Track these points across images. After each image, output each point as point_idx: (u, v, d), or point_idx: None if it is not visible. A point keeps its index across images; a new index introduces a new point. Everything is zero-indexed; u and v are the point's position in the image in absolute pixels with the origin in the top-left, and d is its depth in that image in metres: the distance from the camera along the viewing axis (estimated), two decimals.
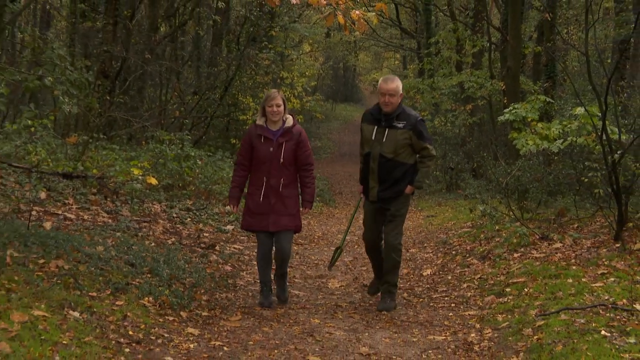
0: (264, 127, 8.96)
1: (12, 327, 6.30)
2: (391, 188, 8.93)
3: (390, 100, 8.79)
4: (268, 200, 8.84)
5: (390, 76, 9.36)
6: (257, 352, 7.16)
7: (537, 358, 6.73)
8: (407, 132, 8.75)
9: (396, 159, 8.84)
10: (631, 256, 9.31)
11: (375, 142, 8.97)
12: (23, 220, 9.72)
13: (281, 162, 8.84)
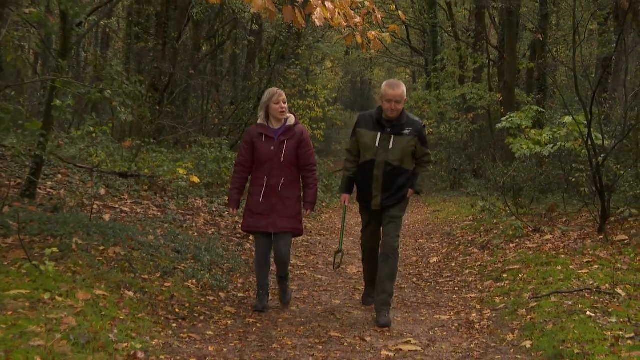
0: (266, 125, 7.86)
1: (78, 304, 6.37)
2: (394, 195, 7.68)
3: (397, 107, 7.46)
4: (268, 200, 7.75)
5: (396, 81, 7.75)
6: (286, 328, 7.19)
7: (530, 335, 6.72)
8: (413, 139, 7.55)
9: (401, 166, 7.62)
10: (613, 246, 9.29)
11: (380, 149, 7.58)
12: (86, 212, 9.76)
13: (282, 161, 7.75)
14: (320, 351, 6.42)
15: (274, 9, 7.89)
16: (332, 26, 7.88)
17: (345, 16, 7.73)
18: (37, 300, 6.26)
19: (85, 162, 13.25)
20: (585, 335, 6.22)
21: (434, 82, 30.06)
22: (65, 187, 11.60)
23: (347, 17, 7.75)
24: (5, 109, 8.70)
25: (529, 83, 21.57)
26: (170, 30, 18.94)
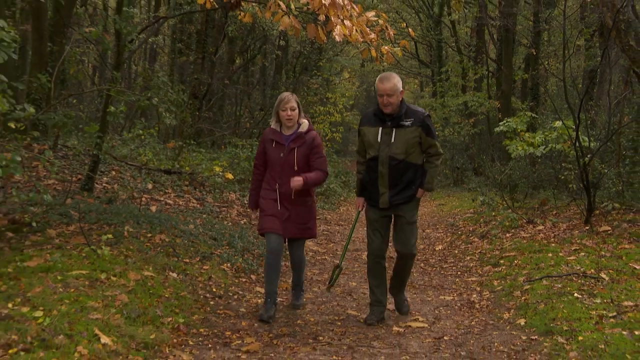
0: (277, 131, 6.83)
1: (129, 284, 6.44)
2: (403, 192, 6.53)
3: (389, 101, 6.38)
4: (284, 206, 6.78)
5: (387, 74, 6.67)
6: (309, 307, 7.24)
7: (524, 314, 6.72)
8: (417, 130, 6.40)
9: (407, 159, 6.48)
10: (597, 236, 9.24)
11: (383, 144, 6.50)
12: (136, 204, 9.84)
13: (295, 170, 6.71)
14: (339, 327, 6.46)
15: (299, 26, 7.92)
16: (350, 41, 7.86)
17: (362, 33, 7.73)
18: (95, 279, 6.33)
19: (135, 161, 13.32)
20: (573, 314, 6.21)
21: (439, 90, 30.03)
22: (118, 182, 11.67)
23: (363, 33, 7.75)
24: (68, 115, 8.78)
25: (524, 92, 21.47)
26: (209, 45, 18.99)
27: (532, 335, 6.14)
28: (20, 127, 7.48)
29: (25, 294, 5.64)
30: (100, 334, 5.23)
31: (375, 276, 6.77)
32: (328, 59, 25.28)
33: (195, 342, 5.76)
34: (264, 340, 5.91)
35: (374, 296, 6.73)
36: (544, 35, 21.47)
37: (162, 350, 5.43)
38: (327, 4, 7.53)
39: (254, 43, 22.61)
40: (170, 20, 19.35)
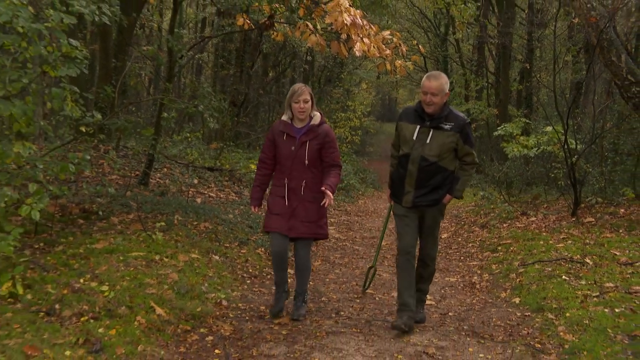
0: (289, 123, 5.78)
1: (179, 264, 6.51)
2: (428, 195, 5.53)
3: (432, 100, 5.39)
4: (290, 203, 5.69)
5: (435, 72, 5.68)
6: (332, 286, 7.25)
7: (519, 293, 6.71)
8: (454, 135, 5.42)
9: (439, 163, 5.46)
10: (583, 226, 9.20)
11: (417, 142, 5.51)
12: (184, 197, 9.89)
13: (306, 164, 5.67)
14: (358, 303, 6.47)
15: (324, 43, 7.93)
16: (368, 56, 7.85)
17: (378, 49, 7.72)
18: (150, 260, 6.40)
19: (183, 159, 13.39)
20: (561, 294, 6.20)
21: None
22: (169, 177, 11.74)
23: (379, 49, 7.74)
24: (129, 120, 8.87)
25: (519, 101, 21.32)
26: (246, 61, 19.05)
27: (525, 312, 6.13)
28: (89, 131, 7.55)
29: (93, 271, 5.73)
30: (155, 306, 5.31)
31: (404, 275, 5.62)
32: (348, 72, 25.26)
33: (234, 315, 5.81)
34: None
35: (401, 299, 5.59)
36: (537, 51, 21.33)
37: (207, 321, 5.49)
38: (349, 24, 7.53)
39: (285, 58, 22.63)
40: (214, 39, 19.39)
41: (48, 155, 6.17)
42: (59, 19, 5.10)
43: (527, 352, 5.03)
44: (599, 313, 5.53)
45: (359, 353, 4.92)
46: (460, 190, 5.61)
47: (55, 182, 5.54)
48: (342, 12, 7.58)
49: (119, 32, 12.54)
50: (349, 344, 5.12)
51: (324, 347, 5.04)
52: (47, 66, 5.22)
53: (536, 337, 5.38)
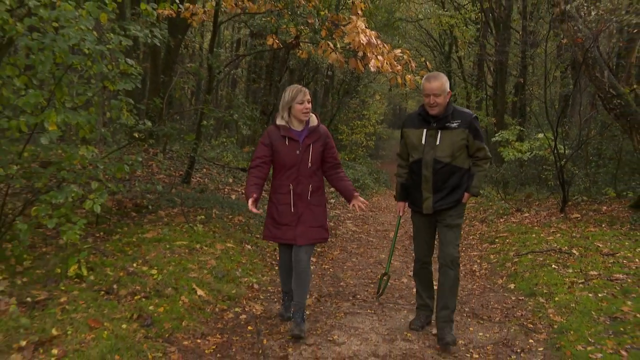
0: (288, 127, 4.82)
1: (216, 252, 6.54)
2: (448, 197, 4.80)
3: (436, 101, 4.71)
4: (296, 209, 4.82)
5: (434, 73, 4.93)
6: (349, 272, 7.25)
7: (514, 280, 6.67)
8: (464, 132, 4.73)
9: (453, 163, 4.77)
10: (570, 221, 9.13)
11: (427, 146, 4.80)
12: (221, 193, 9.95)
13: (309, 167, 4.81)
14: (372, 288, 6.47)
15: (343, 60, 7.95)
16: (382, 71, 7.85)
17: (391, 65, 7.73)
18: (192, 248, 6.44)
19: (220, 161, 13.47)
20: (551, 281, 6.18)
21: None
22: (208, 177, 11.81)
23: (392, 65, 7.74)
24: (174, 127, 8.92)
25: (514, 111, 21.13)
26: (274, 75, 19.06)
27: (519, 296, 6.10)
28: (141, 136, 7.62)
29: (144, 257, 5.78)
30: (197, 288, 5.35)
31: (422, 280, 5.12)
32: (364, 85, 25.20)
33: (264, 296, 5.83)
34: (314, 297, 5.96)
35: (420, 299, 5.14)
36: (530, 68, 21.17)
37: (241, 302, 5.52)
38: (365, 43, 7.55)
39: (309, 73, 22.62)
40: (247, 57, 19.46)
41: (107, 158, 6.25)
42: (118, 41, 5.17)
43: (520, 331, 5.02)
44: (584, 297, 5.50)
45: (373, 331, 4.93)
46: (477, 187, 4.86)
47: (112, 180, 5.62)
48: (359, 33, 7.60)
49: (167, 52, 12.64)
50: (364, 323, 5.14)
51: (342, 325, 5.07)
52: (108, 81, 5.29)
53: (529, 318, 5.37)
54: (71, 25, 4.50)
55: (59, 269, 5.11)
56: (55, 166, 5.13)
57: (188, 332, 4.57)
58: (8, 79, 4.63)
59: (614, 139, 11.41)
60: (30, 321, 4.13)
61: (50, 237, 5.97)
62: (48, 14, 4.38)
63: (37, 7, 4.34)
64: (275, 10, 8.69)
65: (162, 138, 10.92)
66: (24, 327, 4.04)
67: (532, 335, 4.90)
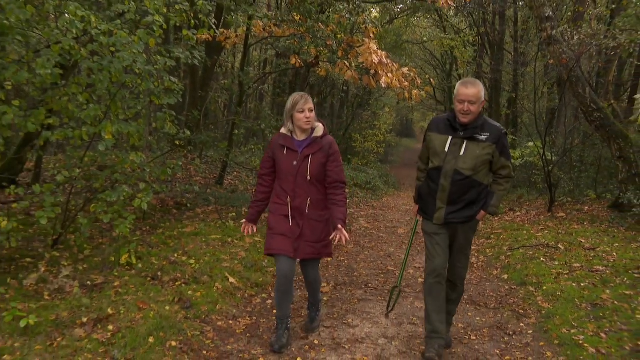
0: (289, 136, 4.11)
1: (246, 245, 6.57)
2: (462, 211, 4.01)
3: (470, 109, 3.87)
4: (295, 223, 4.05)
5: (471, 79, 4.06)
6: (362, 264, 7.22)
7: (507, 271, 6.65)
8: (491, 147, 3.91)
9: (474, 177, 3.95)
10: (556, 220, 9.09)
11: (450, 155, 3.99)
12: (249, 193, 9.97)
13: (308, 180, 4.01)
14: (382, 277, 6.47)
15: (357, 77, 8.00)
16: (391, 87, 7.89)
17: (399, 81, 7.76)
18: (225, 241, 6.50)
19: (249, 165, 13.52)
20: (539, 272, 6.15)
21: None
22: (238, 179, 11.87)
23: (400, 82, 7.78)
24: (209, 136, 9.01)
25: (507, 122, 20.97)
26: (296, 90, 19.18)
27: (512, 285, 6.09)
28: (181, 144, 7.72)
29: (184, 249, 5.85)
30: (229, 276, 5.40)
31: (434, 299, 4.02)
32: (375, 99, 25.12)
33: None
34: (331, 285, 5.96)
35: (430, 325, 4.00)
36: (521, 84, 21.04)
37: (267, 289, 5.55)
38: (376, 62, 7.60)
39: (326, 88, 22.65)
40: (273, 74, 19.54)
41: (152, 162, 6.33)
42: (164, 62, 5.25)
43: (513, 316, 5.01)
44: (569, 287, 5.48)
45: (383, 316, 4.95)
46: (495, 207, 4.02)
47: (157, 182, 5.69)
48: (372, 54, 7.64)
49: (204, 71, 12.75)
50: (375, 309, 5.15)
51: (356, 310, 5.08)
52: (154, 97, 5.36)
53: (520, 305, 5.36)
54: (125, 49, 4.59)
55: (113, 258, 5.20)
56: (110, 169, 5.23)
57: (222, 314, 4.61)
58: (73, 95, 4.73)
59: (595, 147, 11.36)
60: (90, 301, 4.22)
61: (106, 230, 6.08)
62: (107, 40, 4.47)
63: (98, 35, 4.43)
64: (298, 34, 8.74)
65: (199, 145, 11.02)
66: (85, 306, 4.13)
67: (523, 320, 4.90)
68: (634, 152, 8.81)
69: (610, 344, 4.16)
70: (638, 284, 5.47)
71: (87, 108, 4.65)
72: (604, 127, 8.90)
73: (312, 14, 8.62)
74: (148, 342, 3.80)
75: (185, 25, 5.91)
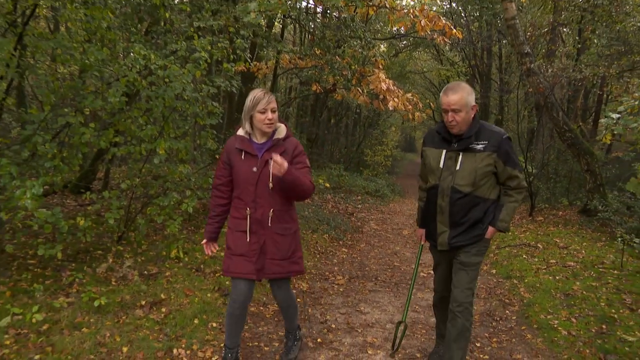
0: (246, 139, 2.95)
1: None
2: (467, 232, 2.95)
3: (455, 118, 2.84)
4: (255, 238, 2.92)
5: (454, 84, 2.89)
6: (372, 260, 7.19)
7: (495, 267, 6.59)
8: (490, 156, 2.83)
9: (475, 193, 2.89)
10: (536, 223, 8.98)
11: (445, 171, 2.95)
12: None
13: (270, 187, 2.87)
14: (390, 272, 6.44)
15: (368, 101, 8.04)
16: (397, 110, 7.91)
17: (404, 105, 7.78)
18: None
19: None
20: (522, 267, 6.11)
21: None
22: None
23: (404, 105, 7.80)
24: None
25: None
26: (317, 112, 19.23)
27: (499, 279, 6.04)
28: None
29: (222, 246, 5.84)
30: None
31: (440, 310, 3.44)
32: (383, 119, 25.10)
33: (309, 277, 5.83)
34: (346, 278, 5.94)
35: (438, 330, 3.51)
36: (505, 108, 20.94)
37: (291, 280, 5.57)
38: (385, 89, 7.64)
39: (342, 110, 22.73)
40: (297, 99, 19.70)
41: (197, 173, 6.42)
42: (207, 90, 5.34)
43: (499, 305, 4.98)
44: (546, 280, 5.45)
45: (390, 304, 4.94)
46: (505, 222, 2.95)
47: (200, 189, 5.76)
48: (381, 82, 7.68)
49: (240, 96, 12.85)
50: (384, 298, 5.14)
51: (367, 299, 5.08)
52: (199, 118, 5.44)
53: (506, 295, 5.32)
54: (177, 80, 4.69)
55: (164, 252, 5.26)
56: (162, 179, 5.32)
57: (253, 301, 4.61)
58: (135, 118, 4.84)
59: (567, 162, 11.34)
60: (147, 287, 4.30)
61: (159, 229, 6.15)
62: (162, 73, 4.57)
63: (156, 69, 4.54)
64: (318, 65, 8.82)
65: None
66: (143, 292, 4.21)
67: (508, 308, 4.87)
68: (599, 166, 8.90)
69: (579, 327, 4.17)
70: (602, 277, 5.44)
71: (145, 128, 4.75)
72: (574, 145, 8.93)
73: (330, 48, 8.70)
74: (193, 322, 3.86)
75: (225, 59, 6.01)
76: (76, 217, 4.66)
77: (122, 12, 5.88)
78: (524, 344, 4.00)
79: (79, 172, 6.79)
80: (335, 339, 3.95)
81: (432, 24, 6.72)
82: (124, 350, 3.32)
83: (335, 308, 4.72)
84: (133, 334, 3.53)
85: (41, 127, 4.07)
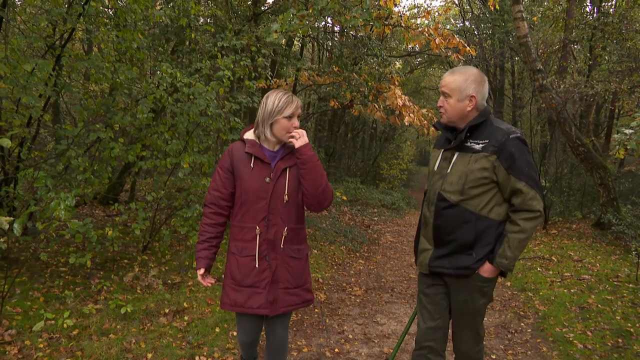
0: (257, 143, 2.17)
1: None
2: (452, 258, 2.02)
3: (444, 104, 2.08)
4: (266, 264, 2.15)
5: (461, 66, 2.11)
6: (389, 272, 7.12)
7: (510, 279, 6.46)
8: (487, 158, 1.89)
9: (464, 205, 1.95)
10: (550, 236, 8.83)
11: (437, 174, 2.14)
12: None
13: (285, 201, 2.12)
14: (406, 284, 6.36)
15: (384, 116, 8.04)
16: (412, 125, 7.89)
17: (419, 120, 7.76)
18: None
19: None
20: (537, 280, 5.99)
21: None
22: None
23: (419, 120, 7.77)
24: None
25: None
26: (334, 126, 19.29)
27: (514, 291, 5.93)
28: None
29: None
30: None
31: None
32: (399, 134, 25.07)
33: (327, 288, 5.82)
34: (363, 289, 5.90)
35: None
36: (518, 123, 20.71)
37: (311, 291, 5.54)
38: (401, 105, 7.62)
39: (359, 125, 22.77)
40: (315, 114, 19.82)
41: None
42: (230, 106, 5.41)
43: (514, 317, 4.88)
44: (561, 292, 5.33)
45: (406, 315, 4.87)
46: (506, 258, 2.06)
47: None
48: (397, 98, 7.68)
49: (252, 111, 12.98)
50: (400, 310, 5.08)
51: (383, 310, 5.03)
52: (222, 133, 5.50)
53: (521, 307, 5.22)
54: (201, 97, 4.76)
55: (187, 262, 5.30)
56: (186, 191, 5.37)
57: None
58: (161, 133, 4.92)
59: (580, 176, 11.16)
60: (170, 296, 4.32)
61: (182, 240, 6.21)
62: (187, 90, 4.65)
63: (181, 86, 4.62)
64: (336, 82, 8.88)
65: None
66: (167, 300, 4.23)
67: (523, 320, 4.77)
68: (612, 179, 8.74)
69: (595, 341, 4.05)
70: (617, 290, 5.30)
71: (170, 143, 4.82)
72: (587, 159, 8.78)
73: (347, 66, 8.76)
74: (215, 331, 3.85)
75: (247, 77, 6.09)
76: (105, 227, 4.74)
77: (150, 33, 6.02)
78: (539, 356, 3.90)
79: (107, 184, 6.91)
80: (352, 349, 3.91)
81: (446, 42, 6.71)
82: (148, 356, 3.33)
83: (352, 319, 4.68)
84: (157, 341, 3.54)
85: (75, 142, 4.17)
